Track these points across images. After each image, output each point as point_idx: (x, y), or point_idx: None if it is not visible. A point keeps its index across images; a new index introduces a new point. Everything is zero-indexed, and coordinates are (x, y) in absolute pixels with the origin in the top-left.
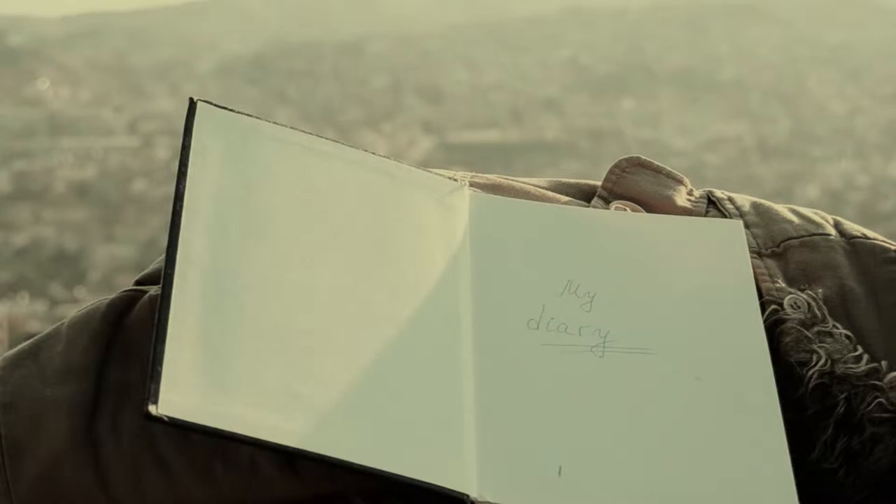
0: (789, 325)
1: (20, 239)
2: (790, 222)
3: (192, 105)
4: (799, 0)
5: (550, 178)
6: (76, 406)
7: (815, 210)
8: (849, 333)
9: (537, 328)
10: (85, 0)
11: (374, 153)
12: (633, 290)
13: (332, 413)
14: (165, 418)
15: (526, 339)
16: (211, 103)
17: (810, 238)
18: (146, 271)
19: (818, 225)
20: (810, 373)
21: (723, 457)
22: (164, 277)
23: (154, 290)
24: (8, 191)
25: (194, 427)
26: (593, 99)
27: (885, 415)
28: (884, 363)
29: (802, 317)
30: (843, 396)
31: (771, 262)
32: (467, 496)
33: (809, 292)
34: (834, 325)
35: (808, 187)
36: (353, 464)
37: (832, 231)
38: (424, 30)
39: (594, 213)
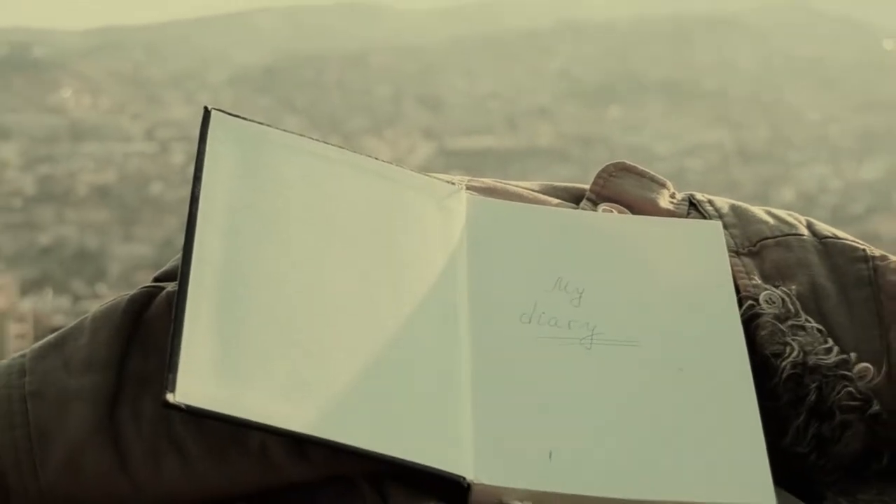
0: (764, 319)
1: (44, 238)
2: (766, 223)
3: (207, 113)
4: (777, 14)
5: (542, 182)
6: (99, 395)
7: (790, 212)
8: (820, 327)
9: (529, 322)
10: (105, 14)
11: (377, 158)
12: (619, 287)
13: (338, 401)
14: (182, 406)
15: (519, 333)
16: (224, 112)
17: (784, 238)
18: (163, 269)
19: (792, 226)
20: (784, 364)
21: (702, 441)
22: (180, 275)
23: (171, 286)
24: (33, 193)
25: (209, 414)
26: (583, 107)
27: (853, 403)
28: (853, 355)
29: (777, 311)
30: (814, 386)
31: (748, 261)
32: (464, 479)
33: (783, 289)
34: (806, 320)
35: (784, 190)
36: (357, 448)
37: (805, 231)
38: (425, 42)
39: (583, 215)
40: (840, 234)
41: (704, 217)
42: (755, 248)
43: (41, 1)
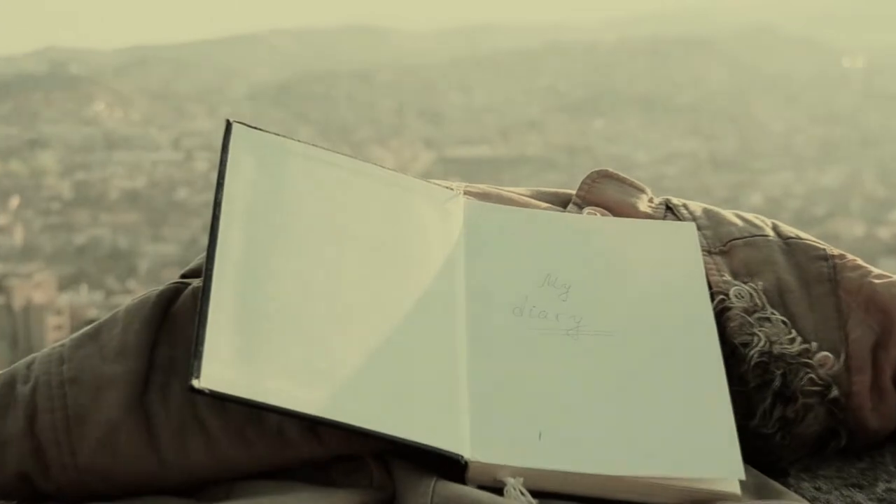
0: (734, 311)
1: (80, 238)
2: (735, 225)
3: (228, 125)
4: (745, 35)
5: (532, 188)
6: (131, 380)
7: (757, 215)
8: (784, 319)
9: (521, 315)
10: (135, 34)
11: (382, 166)
12: (603, 282)
13: (347, 386)
14: (206, 391)
15: (511, 324)
16: (244, 124)
17: (752, 238)
18: (189, 266)
19: (759, 227)
20: (752, 352)
21: (678, 422)
22: (205, 272)
23: (196, 282)
24: (70, 197)
25: (230, 398)
26: (569, 120)
27: (814, 388)
28: (814, 344)
29: (745, 305)
30: (779, 372)
31: (719, 259)
32: (462, 457)
33: (751, 284)
34: (772, 312)
35: (752, 195)
36: (364, 429)
37: (771, 233)
38: (426, 61)
39: (569, 217)
40: (803, 235)
41: (679, 219)
42: (725, 247)
43: (77, 22)
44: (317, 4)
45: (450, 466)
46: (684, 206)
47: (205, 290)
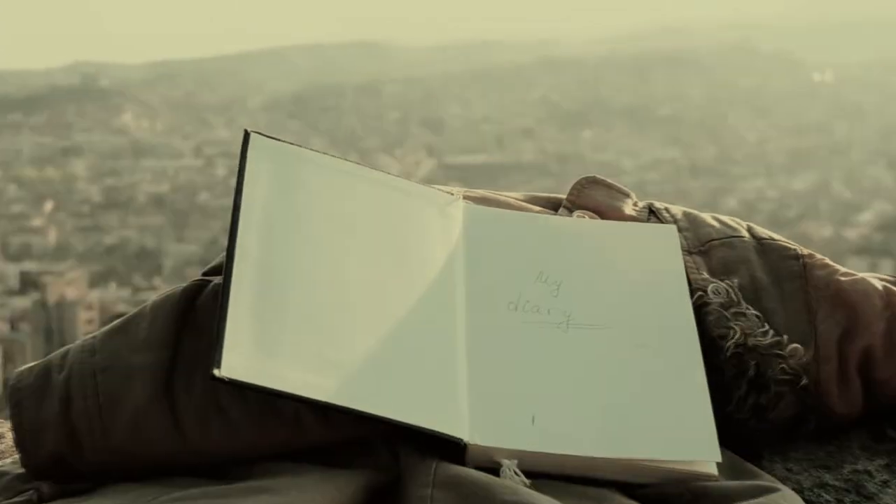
0: (712, 307)
1: (109, 239)
2: (713, 227)
3: (246, 135)
4: (721, 53)
5: (526, 193)
6: (157, 370)
7: (733, 217)
8: (758, 314)
9: (516, 309)
10: (161, 49)
11: (388, 173)
12: (591, 280)
13: (357, 375)
14: (227, 379)
15: (507, 318)
16: (261, 133)
17: (728, 239)
18: (211, 265)
19: (735, 229)
20: (728, 344)
21: (661, 407)
22: (225, 270)
23: (217, 279)
24: (100, 201)
25: (249, 386)
26: (560, 130)
27: (786, 377)
28: (785, 337)
29: (722, 301)
30: (753, 363)
31: (698, 258)
32: (461, 440)
33: (728, 282)
34: (747, 307)
35: (729, 199)
36: (373, 414)
37: (746, 234)
38: (428, 74)
39: (560, 220)
40: (775, 236)
41: (662, 222)
42: (704, 247)
43: (106, 38)
44: (328, 22)
45: (450, 449)
46: (666, 209)
47: (225, 287)
